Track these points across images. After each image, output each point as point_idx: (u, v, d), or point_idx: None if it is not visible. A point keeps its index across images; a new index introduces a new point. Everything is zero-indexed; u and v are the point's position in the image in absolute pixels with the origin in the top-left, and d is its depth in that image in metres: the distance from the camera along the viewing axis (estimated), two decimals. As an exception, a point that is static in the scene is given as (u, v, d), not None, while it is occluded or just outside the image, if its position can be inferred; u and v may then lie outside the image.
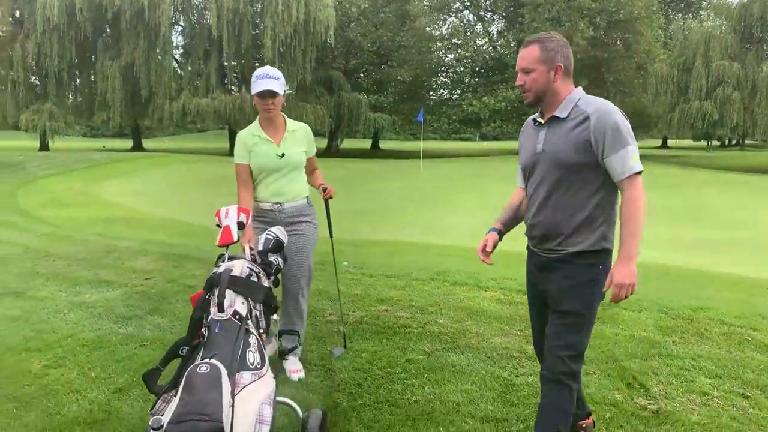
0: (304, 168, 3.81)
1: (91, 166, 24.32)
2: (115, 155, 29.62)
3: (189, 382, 2.03)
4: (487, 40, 45.46)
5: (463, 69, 45.33)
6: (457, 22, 45.85)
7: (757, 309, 5.09)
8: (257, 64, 35.78)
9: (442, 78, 47.99)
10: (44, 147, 37.47)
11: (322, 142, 45.01)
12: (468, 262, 6.42)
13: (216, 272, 2.54)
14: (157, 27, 32.23)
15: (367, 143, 54.06)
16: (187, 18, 37.11)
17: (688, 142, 58.89)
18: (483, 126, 43.81)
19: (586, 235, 2.50)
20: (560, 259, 2.56)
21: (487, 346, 4.24)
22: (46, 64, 32.55)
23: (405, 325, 4.68)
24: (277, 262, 2.91)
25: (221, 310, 2.34)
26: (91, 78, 36.24)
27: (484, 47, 44.51)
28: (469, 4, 45.10)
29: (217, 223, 2.80)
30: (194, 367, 2.09)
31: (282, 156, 3.64)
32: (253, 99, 3.58)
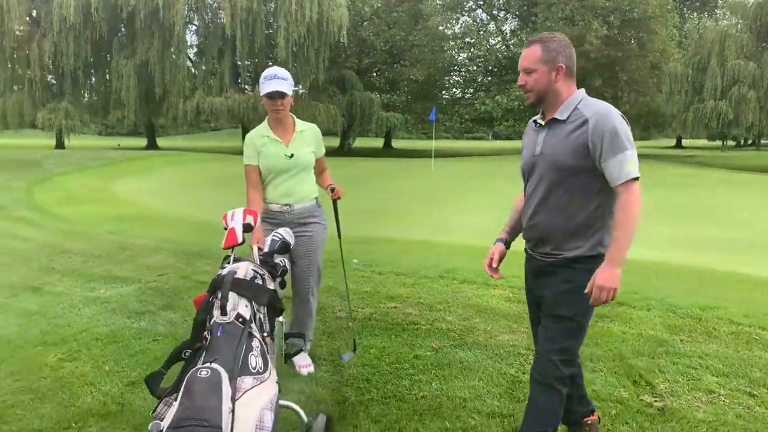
0: (313, 169, 3.82)
1: (106, 164, 24.54)
2: (130, 153, 29.85)
3: (189, 387, 2.01)
4: (500, 39, 45.28)
5: (476, 68, 45.21)
6: (470, 21, 45.74)
7: (766, 308, 5.07)
8: (271, 64, 35.94)
9: (454, 77, 47.91)
10: (60, 145, 37.87)
11: (335, 141, 45.17)
12: (477, 261, 6.39)
13: (220, 274, 2.52)
14: (172, 26, 32.47)
15: (379, 142, 54.09)
16: (201, 17, 37.31)
17: (703, 142, 58.44)
18: (496, 125, 43.63)
19: (583, 240, 2.49)
20: (556, 264, 2.56)
21: (495, 343, 4.27)
22: (63, 63, 32.86)
23: (413, 321, 4.72)
24: (284, 264, 2.89)
25: (224, 314, 2.32)
26: (107, 77, 36.52)
27: (497, 46, 44.34)
28: (482, 3, 44.95)
29: (224, 226, 2.80)
30: (195, 371, 2.06)
31: (291, 156, 3.65)
32: (262, 100, 3.60)
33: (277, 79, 3.52)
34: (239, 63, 37.49)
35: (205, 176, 22.35)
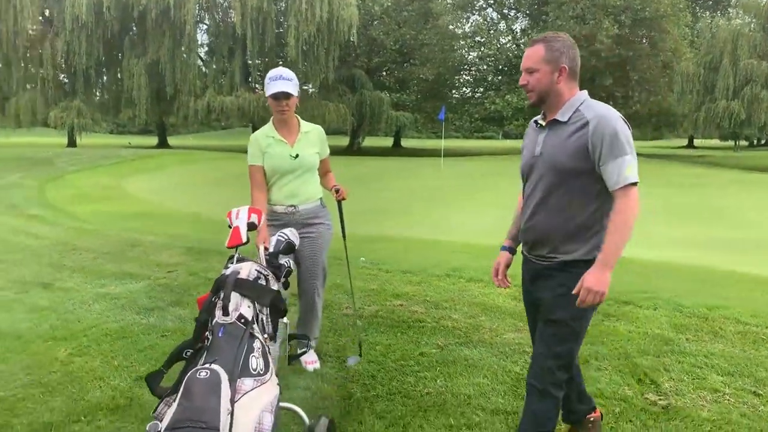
0: (317, 170, 3.81)
1: (118, 163, 24.74)
2: (141, 152, 30.06)
3: (188, 388, 1.97)
4: (510, 38, 45.16)
5: (486, 67, 45.11)
6: (481, 20, 45.69)
7: (775, 309, 5.05)
8: (281, 63, 36.04)
9: (464, 76, 47.82)
10: (72, 143, 38.23)
11: (344, 140, 45.22)
12: (484, 259, 6.44)
13: (223, 274, 2.49)
14: (183, 25, 32.63)
15: (388, 141, 54.11)
16: (211, 16, 37.49)
17: (715, 142, 57.93)
18: (506, 124, 43.49)
19: (580, 243, 2.44)
20: (553, 267, 2.51)
21: (500, 341, 4.29)
22: (75, 62, 33.10)
23: (419, 319, 4.75)
24: (288, 265, 2.86)
25: (226, 314, 2.29)
26: (118, 76, 36.74)
27: (508, 45, 44.23)
28: (492, 2, 44.89)
29: (229, 224, 2.76)
30: (194, 372, 2.03)
31: (296, 157, 3.65)
32: (268, 101, 3.59)
33: (283, 80, 3.52)
34: (249, 62, 37.62)
35: (215, 174, 22.46)
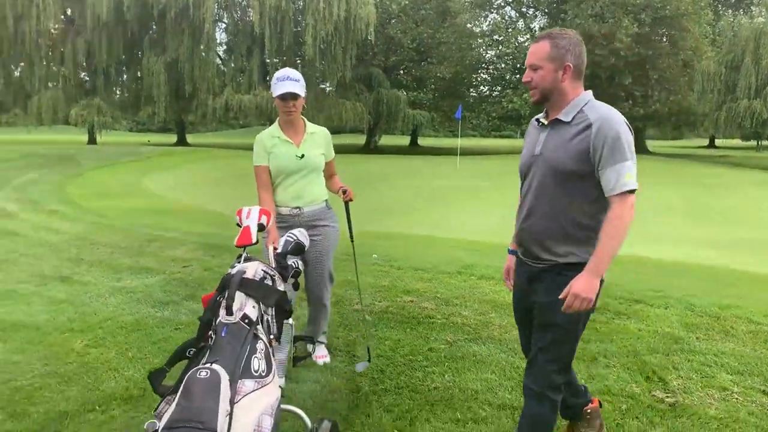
0: (322, 171, 3.81)
1: (137, 160, 25.07)
2: (160, 149, 30.41)
3: (188, 387, 1.94)
4: (528, 36, 44.76)
5: (504, 66, 44.83)
6: (499, 19, 45.40)
7: (788, 309, 5.01)
8: (299, 61, 36.27)
9: (482, 75, 47.50)
10: (92, 141, 38.78)
11: (361, 139, 45.28)
12: (496, 257, 6.46)
13: (229, 273, 2.46)
14: (202, 24, 32.86)
15: (405, 140, 54.06)
16: (230, 15, 37.71)
17: (737, 142, 57.09)
18: (524, 123, 43.21)
19: (576, 247, 2.39)
20: (548, 270, 2.46)
21: (509, 338, 4.30)
22: (96, 61, 33.56)
23: (429, 315, 4.78)
24: (296, 266, 2.82)
25: (230, 314, 2.25)
26: (138, 74, 37.12)
27: (526, 44, 43.79)
28: (511, 1, 44.66)
29: (238, 222, 2.73)
30: (194, 371, 1.99)
31: (302, 157, 3.65)
32: (274, 101, 3.59)
33: (290, 81, 3.53)
34: (267, 60, 37.74)
35: (233, 172, 22.60)
